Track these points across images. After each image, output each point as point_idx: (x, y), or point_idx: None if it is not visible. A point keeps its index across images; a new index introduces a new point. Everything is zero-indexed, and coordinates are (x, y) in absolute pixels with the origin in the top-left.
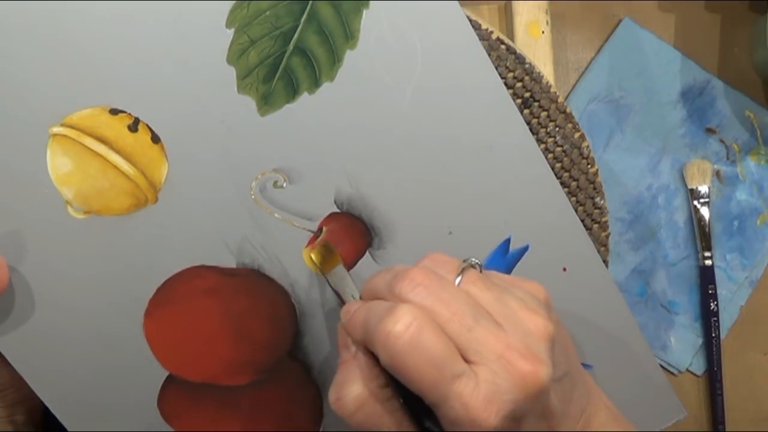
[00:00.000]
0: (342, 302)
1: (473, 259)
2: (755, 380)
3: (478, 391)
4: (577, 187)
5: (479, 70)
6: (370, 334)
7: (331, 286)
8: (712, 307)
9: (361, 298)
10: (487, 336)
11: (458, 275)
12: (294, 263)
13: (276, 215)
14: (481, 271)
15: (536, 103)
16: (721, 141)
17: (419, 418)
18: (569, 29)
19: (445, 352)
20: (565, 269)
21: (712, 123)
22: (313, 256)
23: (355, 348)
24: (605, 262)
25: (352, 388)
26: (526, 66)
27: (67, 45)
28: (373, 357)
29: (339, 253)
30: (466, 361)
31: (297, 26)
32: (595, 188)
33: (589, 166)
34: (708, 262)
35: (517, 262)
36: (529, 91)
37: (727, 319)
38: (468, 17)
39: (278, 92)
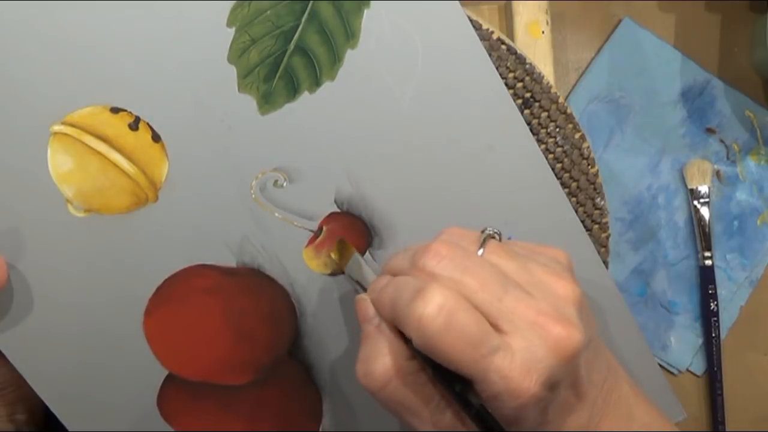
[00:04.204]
0: (363, 289)
1: (491, 229)
2: (755, 380)
3: (515, 362)
4: (578, 187)
5: (480, 70)
6: (400, 316)
7: (351, 278)
8: (712, 307)
9: None
10: (517, 304)
11: (480, 246)
12: (294, 263)
13: (276, 214)
14: (500, 240)
15: (537, 104)
16: (721, 141)
17: (451, 384)
18: (569, 29)
19: (480, 329)
20: None
21: (712, 123)
22: (332, 255)
23: (377, 320)
24: (605, 262)
25: (378, 362)
26: (527, 66)
27: (68, 44)
28: (396, 329)
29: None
30: (498, 330)
31: (298, 25)
32: (595, 189)
33: (590, 166)
34: (708, 262)
35: None
36: (530, 91)
37: (727, 319)
38: (468, 17)
39: (279, 91)
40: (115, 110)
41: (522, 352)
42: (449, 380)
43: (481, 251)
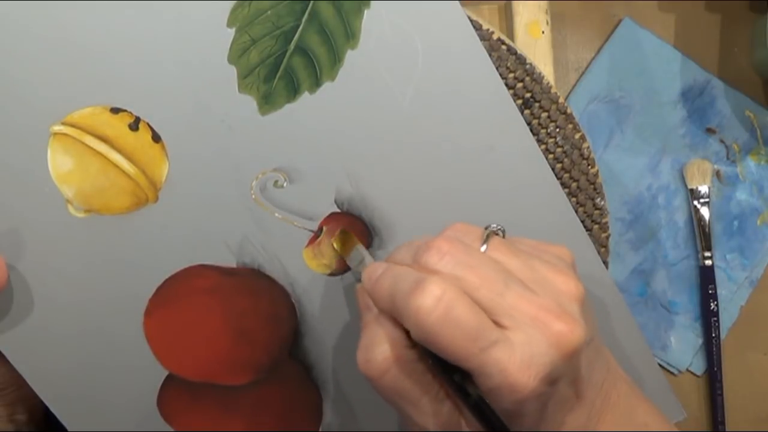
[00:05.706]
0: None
1: (495, 225)
2: (755, 380)
3: (514, 356)
4: (578, 188)
5: (480, 70)
6: (399, 308)
7: (353, 269)
8: (712, 307)
9: None
10: (519, 300)
11: (483, 243)
12: (294, 263)
13: (276, 215)
14: (504, 236)
15: (537, 104)
16: (721, 141)
17: (449, 375)
18: (569, 29)
19: (478, 322)
20: None
21: (712, 123)
22: (334, 244)
23: (377, 309)
24: (605, 262)
25: (378, 350)
26: (527, 67)
27: (68, 44)
28: (395, 319)
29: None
30: (499, 326)
31: (298, 26)
32: (595, 189)
33: (590, 167)
34: (708, 262)
35: None
36: (530, 91)
37: (727, 319)
38: (468, 17)
39: (279, 92)
40: (115, 110)
41: (522, 346)
42: (448, 370)
43: (483, 247)
